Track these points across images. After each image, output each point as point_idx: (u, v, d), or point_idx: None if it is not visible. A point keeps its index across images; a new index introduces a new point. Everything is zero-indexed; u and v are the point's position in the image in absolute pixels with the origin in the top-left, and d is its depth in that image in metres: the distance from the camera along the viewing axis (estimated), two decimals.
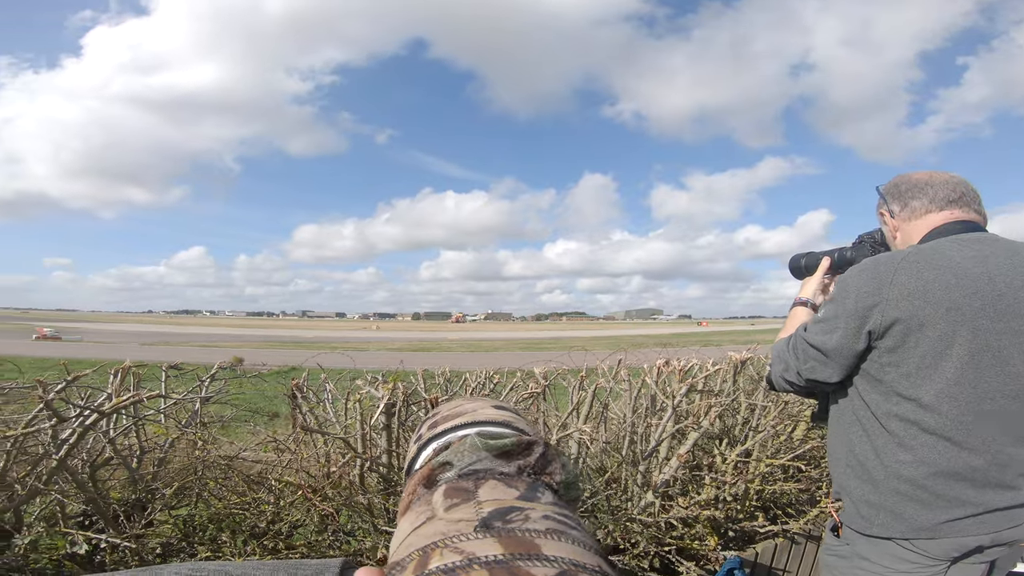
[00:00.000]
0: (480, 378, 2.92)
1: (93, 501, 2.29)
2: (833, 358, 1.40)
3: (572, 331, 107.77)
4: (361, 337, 61.19)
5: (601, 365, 3.27)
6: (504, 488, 0.38)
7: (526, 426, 0.54)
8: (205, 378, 2.71)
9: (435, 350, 34.54)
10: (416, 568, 0.30)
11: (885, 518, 1.34)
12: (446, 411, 0.54)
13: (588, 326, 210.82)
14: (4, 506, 2.12)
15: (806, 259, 1.86)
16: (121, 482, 2.56)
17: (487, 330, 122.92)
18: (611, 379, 3.04)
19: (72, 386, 2.08)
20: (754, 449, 2.95)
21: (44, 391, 1.80)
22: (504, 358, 24.76)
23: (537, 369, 2.79)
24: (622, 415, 2.95)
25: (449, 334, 77.86)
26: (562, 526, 0.34)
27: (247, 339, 48.98)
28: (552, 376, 2.96)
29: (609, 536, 2.55)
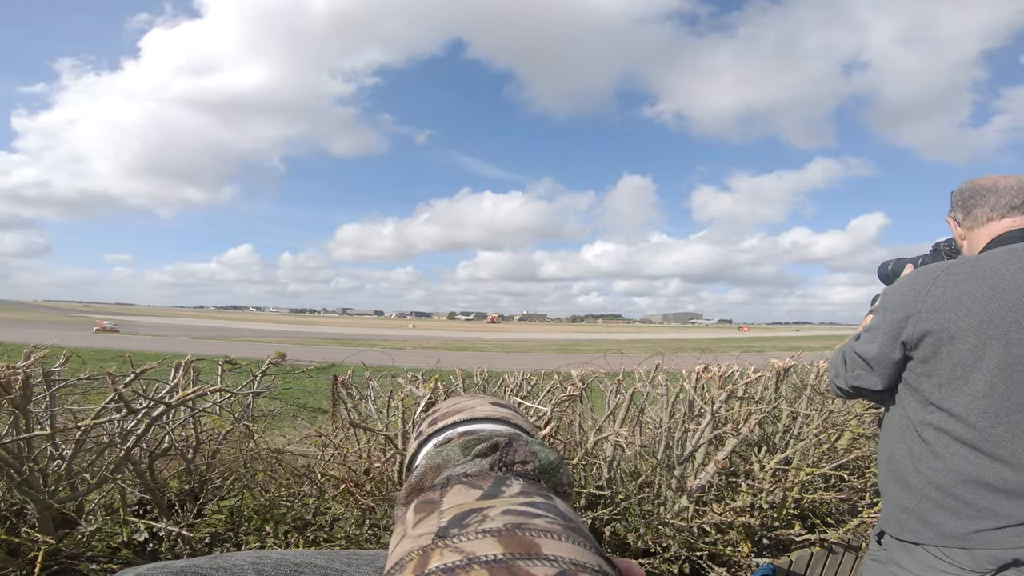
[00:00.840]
0: (518, 379, 2.95)
1: (151, 491, 2.41)
2: (875, 367, 1.43)
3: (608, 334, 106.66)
4: (398, 335, 62.34)
5: (638, 369, 3.25)
6: (468, 490, 0.38)
7: (523, 422, 0.54)
8: (257, 373, 2.83)
9: (470, 350, 34.82)
10: (416, 568, 0.31)
11: (916, 524, 1.36)
12: (446, 408, 0.55)
13: (624, 329, 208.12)
14: (69, 495, 2.26)
15: (893, 265, 1.85)
16: (176, 472, 2.69)
17: (522, 331, 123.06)
18: (648, 383, 3.02)
19: (139, 379, 2.20)
20: (794, 457, 2.90)
21: (114, 383, 1.92)
22: (539, 359, 24.75)
23: (574, 372, 2.81)
24: (658, 420, 2.92)
25: (484, 334, 78.33)
26: (523, 518, 0.33)
27: (290, 335, 50.65)
28: (589, 379, 2.96)
29: (640, 540, 2.55)
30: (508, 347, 41.30)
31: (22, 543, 2.12)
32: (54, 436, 2.13)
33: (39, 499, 2.07)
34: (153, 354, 3.01)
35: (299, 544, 2.51)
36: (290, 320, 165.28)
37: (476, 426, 0.50)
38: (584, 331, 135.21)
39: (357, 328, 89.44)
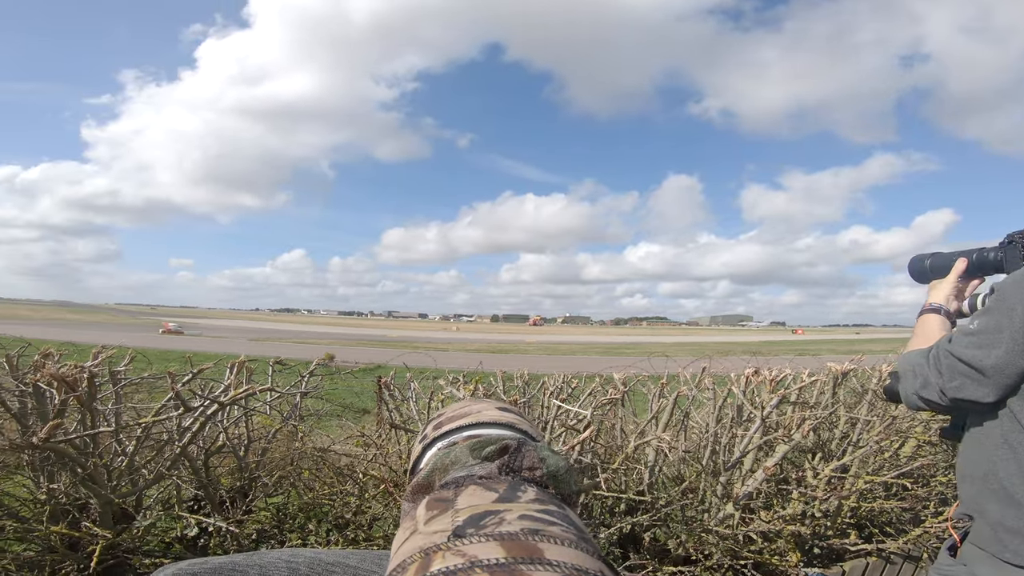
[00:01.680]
0: (558, 382, 2.93)
1: (205, 487, 2.51)
2: (991, 376, 1.24)
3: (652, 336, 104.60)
4: (442, 338, 63.26)
5: (683, 372, 3.16)
6: (483, 492, 0.38)
7: (529, 427, 0.53)
8: (305, 374, 2.92)
9: (512, 352, 34.91)
10: (418, 570, 0.31)
11: (1021, 546, 1.22)
12: (451, 412, 0.55)
13: (669, 331, 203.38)
14: (129, 490, 2.38)
15: (931, 260, 1.64)
16: (229, 470, 2.79)
17: (564, 333, 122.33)
18: (694, 387, 2.94)
19: (196, 378, 2.31)
20: (852, 465, 2.78)
21: (172, 382, 2.02)
22: (582, 362, 24.53)
23: (616, 374, 2.75)
24: (704, 424, 2.86)
25: (526, 337, 78.34)
26: (540, 524, 0.33)
27: (338, 337, 52.28)
28: (631, 382, 2.90)
29: (681, 546, 2.50)
30: (551, 349, 41.17)
31: (82, 537, 2.21)
32: (118, 433, 2.25)
33: (101, 494, 2.18)
34: (212, 355, 3.15)
35: (339, 542, 2.57)
36: (339, 322, 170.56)
37: (482, 431, 0.50)
38: (627, 334, 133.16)
39: (402, 330, 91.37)
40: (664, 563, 2.46)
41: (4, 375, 2.36)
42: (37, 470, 2.43)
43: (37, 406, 2.31)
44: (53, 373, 1.78)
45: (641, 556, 2.50)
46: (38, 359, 2.19)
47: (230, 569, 0.56)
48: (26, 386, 2.23)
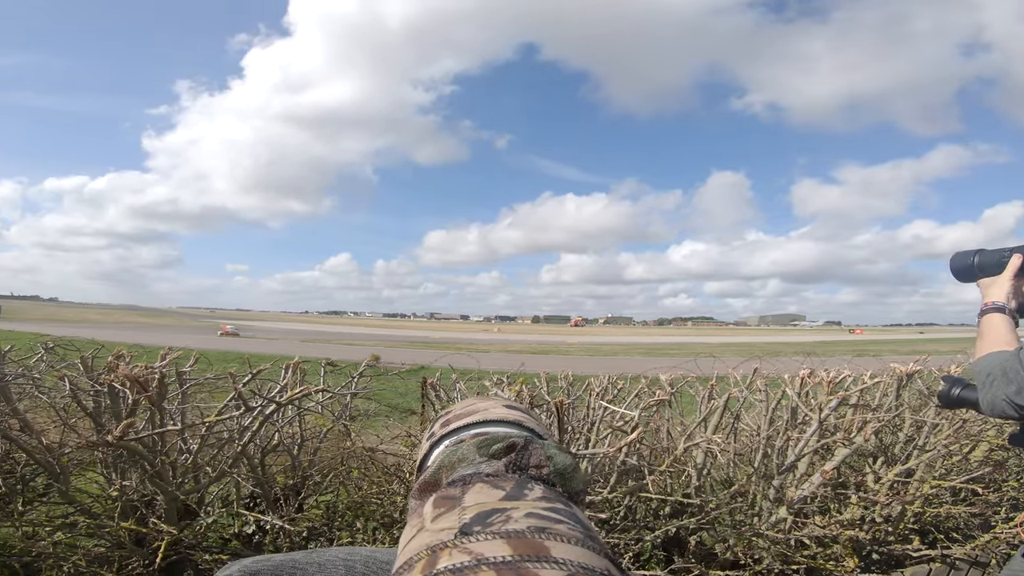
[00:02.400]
0: (603, 383, 2.90)
1: (261, 484, 2.60)
2: None
3: (698, 336, 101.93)
4: (483, 339, 63.74)
5: (732, 373, 3.06)
6: (490, 490, 0.38)
7: (536, 425, 0.53)
8: (355, 375, 3.01)
9: (554, 353, 34.78)
10: (424, 568, 0.31)
11: None
12: (459, 410, 0.55)
13: (716, 332, 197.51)
14: (192, 487, 2.48)
15: (978, 257, 1.55)
16: (283, 468, 2.88)
17: (606, 334, 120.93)
18: (744, 388, 2.85)
19: (255, 378, 2.41)
20: (918, 469, 2.69)
21: (234, 382, 2.11)
22: (624, 363, 24.18)
23: (663, 376, 2.70)
24: (755, 427, 2.80)
25: (568, 337, 77.89)
26: (546, 522, 0.33)
27: (383, 338, 53.51)
28: (679, 384, 2.84)
29: (729, 550, 2.46)
30: (593, 350, 40.78)
31: (148, 533, 2.30)
32: (183, 431, 2.37)
33: (167, 490, 2.28)
34: (267, 356, 3.29)
35: (385, 541, 2.62)
36: (383, 324, 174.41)
37: (489, 428, 0.50)
38: (672, 334, 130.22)
39: (444, 332, 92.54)
40: (711, 567, 2.41)
41: (79, 375, 2.52)
42: (108, 467, 2.56)
43: (111, 405, 2.45)
44: (127, 373, 1.90)
45: (686, 560, 2.46)
46: (111, 360, 2.33)
47: (291, 567, 0.58)
48: (101, 386, 2.38)
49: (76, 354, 3.07)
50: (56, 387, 2.58)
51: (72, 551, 2.29)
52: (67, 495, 2.36)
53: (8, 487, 2.44)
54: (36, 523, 2.44)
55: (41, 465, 2.34)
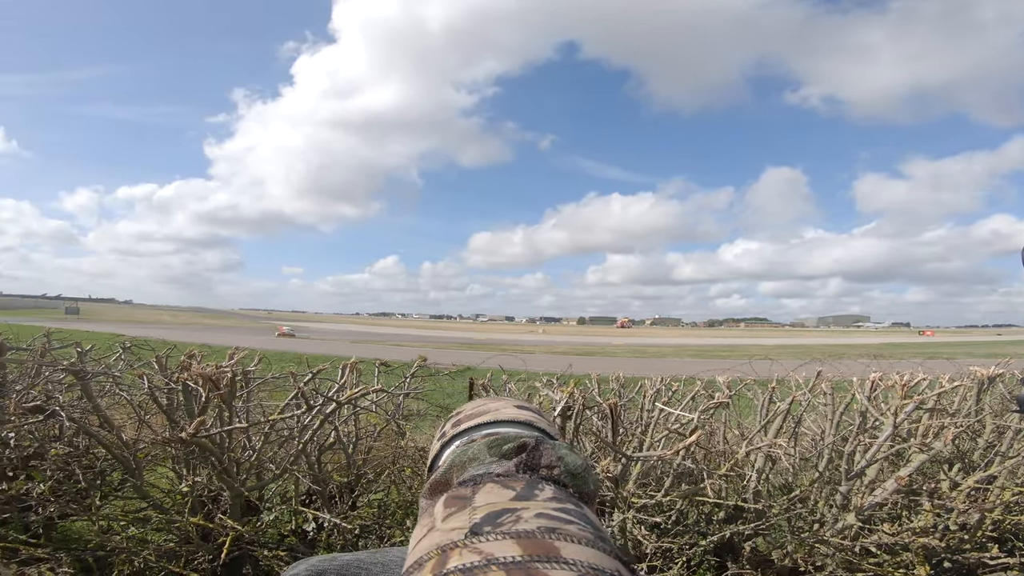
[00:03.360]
0: (656, 384, 2.84)
1: (318, 482, 2.68)
2: None
3: (751, 338, 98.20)
4: (528, 340, 63.74)
5: (794, 376, 2.93)
6: (500, 490, 0.38)
7: (548, 425, 0.53)
8: (407, 375, 3.07)
9: (600, 355, 34.34)
10: (435, 567, 0.31)
11: None
12: (470, 410, 0.55)
13: (770, 333, 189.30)
14: (255, 484, 2.57)
15: None
16: (338, 466, 2.96)
17: (653, 336, 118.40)
18: (807, 391, 2.73)
19: (315, 378, 2.50)
20: (1000, 475, 2.55)
21: (295, 381, 2.20)
22: (672, 365, 23.58)
23: (720, 378, 2.61)
24: (819, 431, 2.69)
25: (614, 339, 76.79)
26: (557, 522, 0.33)
27: (429, 339, 54.43)
28: (736, 386, 2.75)
29: (788, 557, 2.41)
30: (640, 352, 40.01)
31: (214, 528, 2.38)
32: (248, 429, 2.48)
33: (233, 487, 2.36)
34: (321, 356, 3.41)
35: None
36: (429, 325, 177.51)
37: (500, 429, 0.49)
38: (723, 335, 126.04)
39: (489, 333, 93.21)
40: (766, 573, 2.34)
41: (155, 374, 2.69)
42: (179, 463, 2.69)
43: (184, 403, 2.60)
44: (201, 372, 2.01)
45: (740, 566, 2.39)
46: (184, 359, 2.48)
47: (355, 567, 0.59)
48: (175, 384, 2.52)
49: (151, 353, 3.28)
50: (135, 385, 2.74)
51: (143, 546, 2.38)
52: (141, 490, 2.49)
53: (87, 481, 2.56)
54: (111, 517, 2.55)
55: (118, 460, 2.47)
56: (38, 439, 2.63)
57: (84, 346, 3.14)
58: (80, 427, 2.40)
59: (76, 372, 2.41)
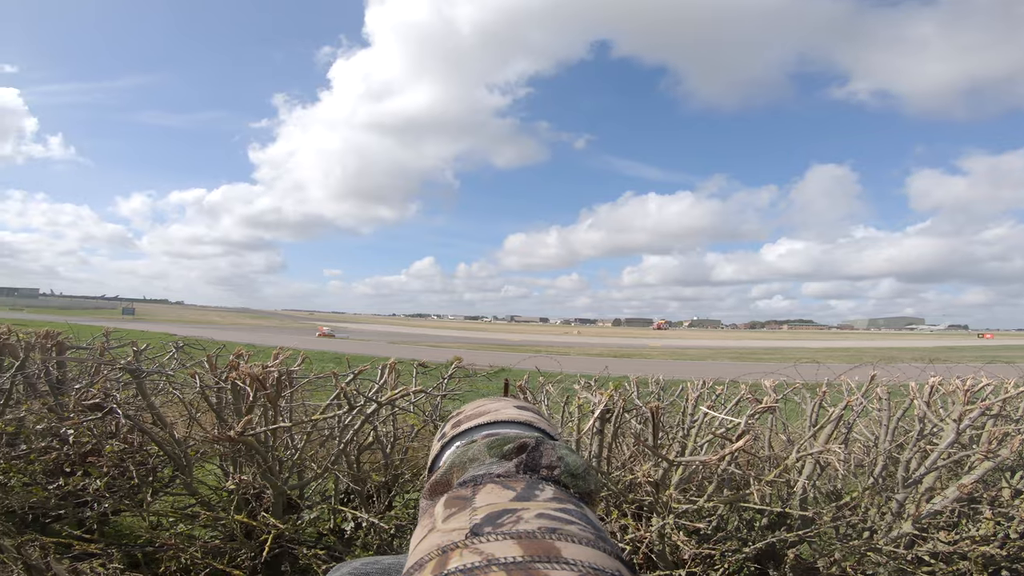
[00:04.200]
0: (698, 387, 2.77)
1: (357, 481, 2.73)
2: None
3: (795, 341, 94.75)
4: (563, 341, 63.41)
5: (845, 380, 2.81)
6: (501, 490, 0.38)
7: (547, 426, 0.52)
8: (444, 377, 3.11)
9: (636, 357, 33.84)
10: (435, 568, 0.31)
11: None
12: (470, 411, 0.54)
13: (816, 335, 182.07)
14: (297, 483, 2.62)
15: None
16: (376, 466, 3.00)
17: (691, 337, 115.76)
18: (860, 396, 2.62)
19: (356, 378, 2.54)
20: None
21: (337, 381, 2.25)
22: (711, 368, 23.00)
23: (767, 382, 2.53)
24: (872, 437, 2.59)
25: (650, 340, 75.56)
26: (557, 523, 0.33)
27: (464, 340, 54.87)
28: (783, 389, 2.66)
29: (835, 565, 2.35)
30: (677, 354, 39.20)
31: (257, 526, 2.43)
32: (291, 428, 2.54)
33: (277, 485, 2.41)
34: (361, 356, 3.48)
35: None
36: (464, 326, 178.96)
37: (500, 429, 0.49)
38: (764, 338, 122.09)
39: (523, 334, 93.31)
40: None
41: (205, 373, 2.79)
42: (225, 460, 2.77)
43: (233, 402, 2.69)
44: (248, 372, 2.08)
45: (782, 573, 2.32)
46: (233, 359, 2.57)
47: (397, 569, 0.59)
48: (224, 383, 2.62)
49: (201, 353, 3.42)
50: (187, 383, 2.86)
51: (191, 542, 2.44)
52: (191, 487, 2.57)
53: (139, 478, 2.66)
54: (160, 513, 2.64)
55: (170, 457, 2.57)
56: (95, 436, 2.74)
57: (139, 345, 3.30)
58: (135, 425, 2.50)
59: (132, 371, 2.53)
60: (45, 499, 2.47)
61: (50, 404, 2.91)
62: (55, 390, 3.20)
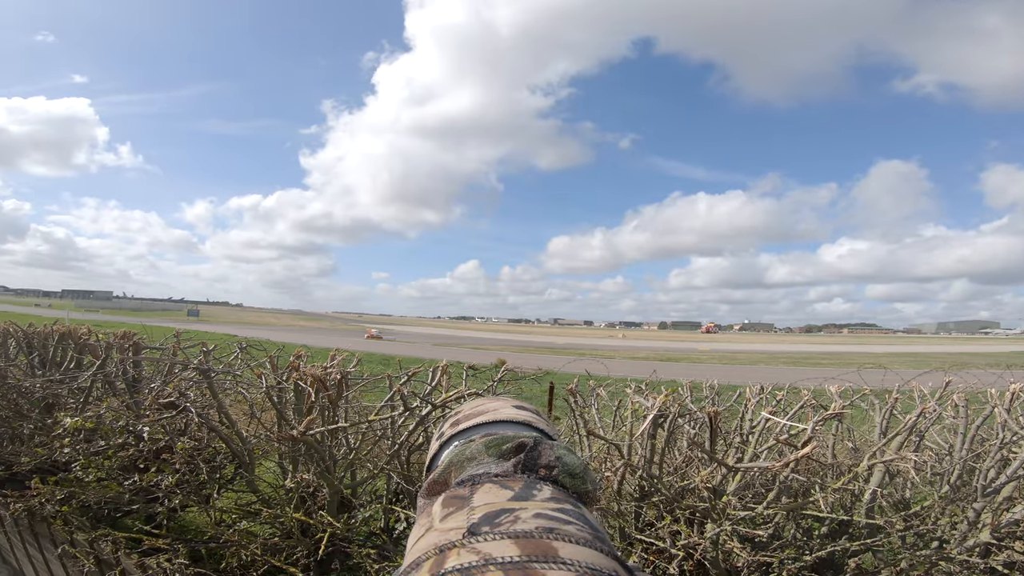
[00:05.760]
0: (756, 392, 2.68)
1: (409, 482, 2.76)
2: None
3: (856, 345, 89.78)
4: (608, 345, 62.59)
5: (917, 386, 2.66)
6: (499, 490, 0.38)
7: (546, 426, 0.52)
8: (494, 380, 3.14)
9: (684, 361, 32.97)
10: (432, 567, 0.31)
11: None
12: (468, 410, 0.54)
13: (879, 340, 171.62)
14: (351, 482, 2.66)
15: None
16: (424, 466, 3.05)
17: (742, 341, 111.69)
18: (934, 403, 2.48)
19: (410, 380, 2.59)
20: None
21: (391, 384, 2.31)
22: (764, 373, 22.15)
23: (832, 387, 2.43)
24: (945, 445, 2.52)
25: (698, 344, 73.45)
26: (555, 523, 0.33)
27: (508, 343, 55.04)
28: (850, 396, 2.54)
29: (902, 574, 2.26)
30: (727, 359, 37.94)
31: (314, 524, 2.48)
32: (347, 428, 2.61)
33: (333, 484, 2.46)
34: (408, 358, 3.55)
35: None
36: (508, 329, 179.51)
37: (499, 429, 0.50)
38: (822, 342, 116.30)
39: (567, 337, 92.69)
40: None
41: (268, 373, 2.91)
42: (284, 458, 2.86)
43: (295, 402, 2.78)
44: (311, 373, 2.17)
45: None
46: (293, 360, 2.68)
47: None
48: (286, 383, 2.73)
49: (263, 353, 3.58)
50: (253, 383, 2.98)
51: (251, 538, 2.49)
52: (253, 484, 2.67)
53: (207, 474, 2.75)
54: (224, 510, 2.72)
55: (235, 455, 2.67)
56: (168, 433, 2.88)
57: (208, 346, 3.48)
58: (206, 423, 2.63)
59: (204, 371, 2.69)
60: (119, 494, 2.58)
61: (127, 402, 3.09)
62: (131, 388, 3.42)
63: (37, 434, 3.18)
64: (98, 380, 3.57)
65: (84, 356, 4.08)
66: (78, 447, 2.69)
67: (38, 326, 4.56)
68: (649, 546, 2.30)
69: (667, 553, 2.22)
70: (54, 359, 4.17)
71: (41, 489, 2.37)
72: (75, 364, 4.06)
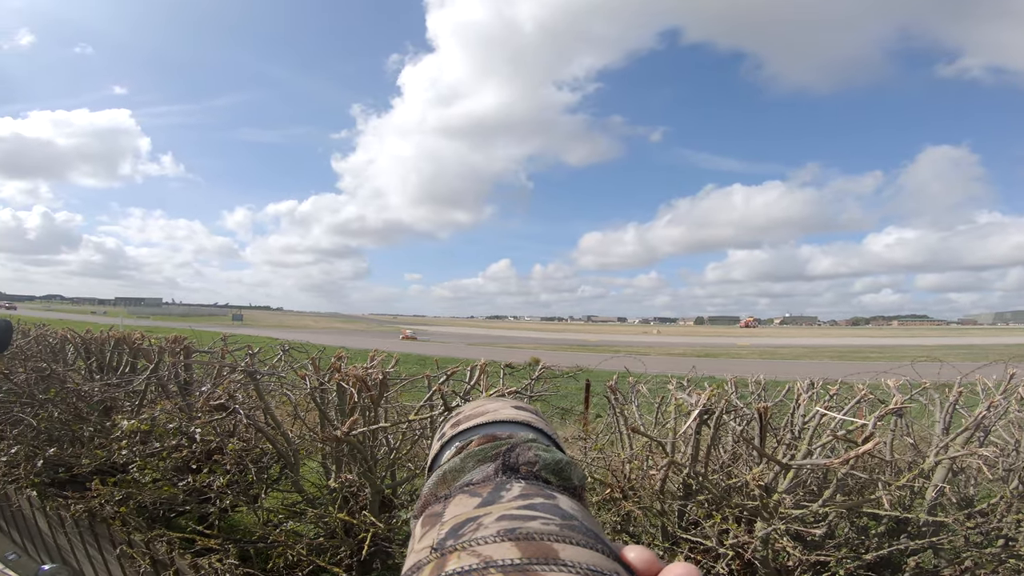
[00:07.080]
0: (806, 386, 2.58)
1: None
2: None
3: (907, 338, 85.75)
4: (642, 341, 61.75)
5: (981, 379, 2.51)
6: (467, 499, 0.38)
7: (544, 425, 0.52)
8: (531, 378, 3.13)
9: (723, 356, 32.22)
10: (433, 571, 0.31)
11: None
12: (469, 411, 0.54)
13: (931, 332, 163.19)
14: (391, 481, 2.68)
15: None
16: None
17: (784, 336, 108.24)
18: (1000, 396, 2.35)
19: (448, 380, 2.61)
20: None
21: (430, 384, 2.32)
22: (808, 367, 21.37)
23: (890, 381, 2.31)
24: (1011, 440, 2.41)
25: (738, 339, 71.63)
26: (516, 521, 0.33)
27: (541, 341, 54.98)
28: (908, 390, 2.43)
29: (967, 573, 2.19)
30: (769, 354, 36.88)
31: (357, 524, 2.49)
32: (389, 428, 2.64)
33: (375, 484, 2.49)
34: (443, 358, 3.58)
35: None
36: (541, 327, 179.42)
37: (498, 429, 0.49)
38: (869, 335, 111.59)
39: (601, 335, 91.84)
40: None
41: (311, 374, 2.98)
42: (328, 459, 2.89)
43: (338, 403, 2.84)
44: (355, 373, 2.20)
45: None
46: (335, 361, 2.74)
47: None
48: (329, 384, 2.79)
49: (304, 355, 3.67)
50: (298, 384, 3.07)
51: (298, 538, 2.53)
52: (298, 484, 2.73)
53: (255, 475, 2.82)
54: (271, 510, 2.77)
55: (281, 455, 2.73)
56: (219, 434, 2.97)
57: (253, 349, 3.59)
58: (254, 424, 2.71)
59: (250, 373, 2.77)
60: (174, 495, 2.66)
61: (180, 404, 3.22)
62: (183, 391, 3.57)
63: (96, 436, 3.33)
64: (152, 383, 3.73)
65: (138, 360, 4.27)
66: (135, 449, 2.80)
67: (95, 332, 4.80)
68: (695, 545, 2.25)
69: (714, 552, 2.18)
70: (110, 364, 4.39)
71: (101, 490, 2.47)
72: (130, 368, 4.25)
